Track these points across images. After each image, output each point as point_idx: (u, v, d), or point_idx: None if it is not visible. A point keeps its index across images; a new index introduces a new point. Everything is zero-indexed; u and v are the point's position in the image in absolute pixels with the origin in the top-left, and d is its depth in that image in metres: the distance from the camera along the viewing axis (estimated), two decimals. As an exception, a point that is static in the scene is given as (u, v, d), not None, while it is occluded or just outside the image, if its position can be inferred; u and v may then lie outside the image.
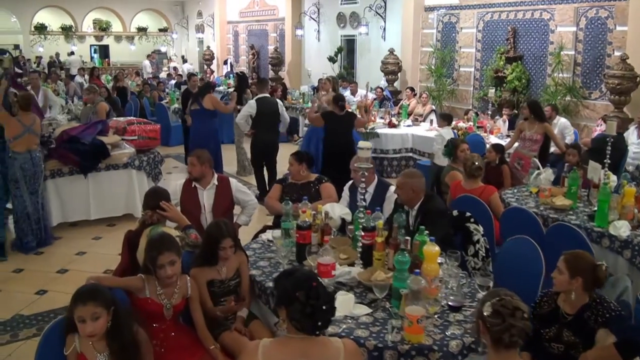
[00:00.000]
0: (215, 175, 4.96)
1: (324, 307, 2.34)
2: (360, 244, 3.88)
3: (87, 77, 16.82)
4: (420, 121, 10.99)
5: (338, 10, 16.61)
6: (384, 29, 15.02)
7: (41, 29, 24.57)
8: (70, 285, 5.51)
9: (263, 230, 5.10)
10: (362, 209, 3.91)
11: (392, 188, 4.94)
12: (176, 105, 13.14)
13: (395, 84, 14.06)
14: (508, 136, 9.48)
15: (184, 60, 23.20)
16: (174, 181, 8.94)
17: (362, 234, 3.84)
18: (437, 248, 3.47)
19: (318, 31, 17.65)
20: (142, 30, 26.82)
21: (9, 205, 6.72)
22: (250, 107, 8.30)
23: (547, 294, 3.29)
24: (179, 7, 26.60)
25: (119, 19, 26.32)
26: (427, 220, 4.26)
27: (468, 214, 4.70)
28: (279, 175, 7.99)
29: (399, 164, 9.95)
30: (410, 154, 9.97)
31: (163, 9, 26.87)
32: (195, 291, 3.40)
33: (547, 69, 11.17)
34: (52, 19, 24.95)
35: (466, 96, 13.01)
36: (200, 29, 24.35)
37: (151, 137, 7.70)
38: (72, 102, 12.68)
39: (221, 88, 16.28)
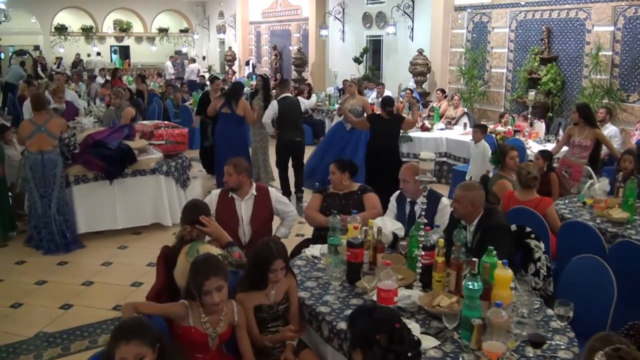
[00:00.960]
0: (254, 185, 4.62)
1: (409, 355, 1.98)
2: (419, 264, 3.51)
3: (108, 78, 16.56)
4: (453, 124, 10.58)
5: (364, 10, 16.24)
6: (412, 28, 14.63)
7: (61, 29, 24.45)
8: (97, 298, 5.25)
9: (305, 244, 4.76)
10: (421, 225, 3.54)
11: (445, 200, 4.57)
12: (200, 107, 12.87)
13: (424, 85, 13.65)
14: (548, 141, 9.08)
15: (192, 60, 22.91)
16: (199, 186, 8.90)
17: (422, 253, 3.48)
18: (510, 272, 3.10)
19: (343, 31, 17.30)
20: (163, 31, 26.62)
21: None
22: (272, 107, 8.21)
23: (636, 328, 2.89)
24: (200, 8, 26.36)
25: (140, 19, 26.16)
26: (488, 238, 3.89)
27: (528, 229, 4.32)
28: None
29: (432, 169, 9.51)
30: (445, 159, 9.57)
31: (184, 9, 26.65)
32: (242, 318, 3.06)
33: (583, 71, 10.72)
34: (72, 20, 24.83)
35: (498, 98, 12.57)
36: (221, 29, 24.08)
37: (179, 142, 7.39)
38: (94, 103, 12.47)
39: (245, 89, 15.95)
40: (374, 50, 16.26)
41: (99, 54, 24.02)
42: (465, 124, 10.44)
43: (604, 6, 10.19)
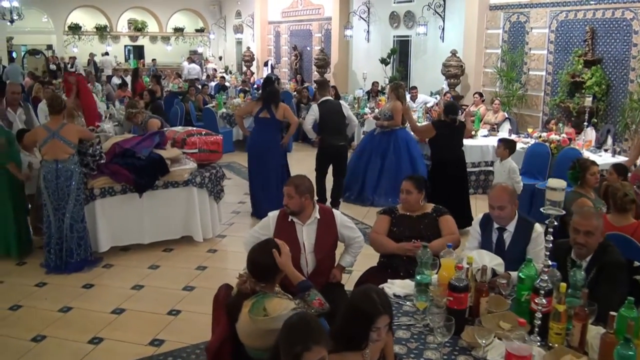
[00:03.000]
0: (317, 207, 3.98)
1: None
2: (539, 315, 2.87)
3: (130, 78, 15.98)
4: (497, 130, 9.92)
5: (391, 9, 15.60)
6: (443, 29, 13.98)
7: (75, 29, 23.96)
8: (130, 330, 4.62)
9: (371, 275, 4.13)
10: (544, 267, 2.87)
11: (539, 227, 3.92)
12: (224, 110, 12.27)
13: (457, 88, 12.99)
14: (605, 150, 8.42)
15: (190, 60, 22.31)
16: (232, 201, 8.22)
17: (544, 300, 2.83)
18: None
19: (367, 31, 16.68)
20: (178, 30, 26.08)
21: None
22: (313, 111, 7.70)
23: None
24: (217, 7, 25.80)
25: (155, 19, 25.64)
26: (606, 277, 3.28)
27: (637, 262, 3.68)
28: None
29: (477, 179, 8.91)
30: (490, 168, 8.89)
31: (200, 8, 26.11)
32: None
33: (630, 74, 10.05)
34: (86, 19, 24.37)
35: (536, 102, 11.91)
36: (238, 29, 23.50)
37: (212, 150, 6.76)
38: (114, 106, 11.90)
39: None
40: (400, 51, 15.62)
41: (106, 53, 23.47)
42: (509, 130, 9.79)
43: (653, 5, 9.56)
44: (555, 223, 2.76)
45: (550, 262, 2.85)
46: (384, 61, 15.37)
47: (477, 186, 8.91)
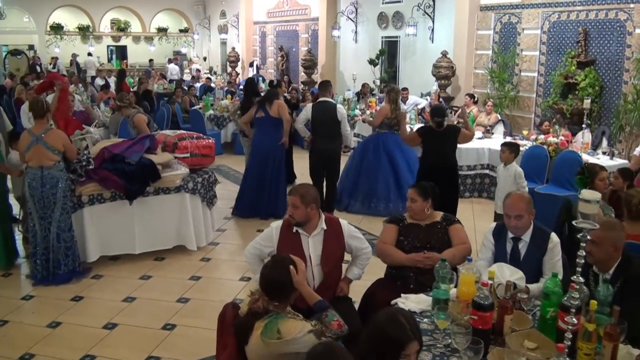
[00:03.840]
0: (323, 217, 3.76)
1: None
2: (569, 333, 2.69)
3: (112, 80, 15.65)
4: (491, 132, 9.76)
5: (379, 9, 15.43)
6: (432, 29, 13.84)
7: (57, 28, 23.50)
8: (123, 347, 4.38)
9: (379, 287, 3.95)
10: (577, 285, 2.66)
11: (555, 237, 3.74)
12: (211, 112, 12.02)
13: (448, 89, 12.85)
14: (604, 153, 8.29)
15: (169, 60, 22.02)
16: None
17: (574, 320, 2.65)
18: None
19: (355, 32, 16.50)
20: (162, 30, 25.70)
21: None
22: (306, 112, 7.55)
23: None
24: (201, 7, 25.45)
25: (138, 18, 25.24)
26: (632, 290, 3.11)
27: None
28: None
29: (473, 182, 8.76)
30: (487, 171, 8.77)
31: (184, 8, 25.76)
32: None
33: (624, 75, 9.97)
34: (68, 19, 23.91)
35: (529, 104, 11.80)
36: (223, 29, 23.22)
37: (205, 154, 6.52)
38: (99, 108, 11.60)
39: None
40: (389, 52, 15.46)
41: (89, 54, 23.06)
42: (504, 133, 9.65)
43: (647, 7, 9.48)
44: (584, 236, 2.57)
45: (581, 278, 2.66)
46: (372, 62, 15.20)
47: (473, 189, 8.77)
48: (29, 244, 5.56)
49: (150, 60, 21.91)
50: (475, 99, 11.32)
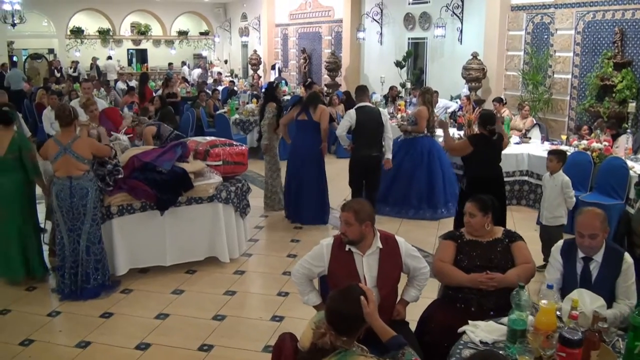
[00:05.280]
0: (378, 235, 3.45)
1: None
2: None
3: (134, 83, 15.46)
4: (528, 137, 9.39)
5: (405, 10, 15.13)
6: (461, 30, 13.49)
7: (77, 32, 23.43)
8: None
9: (435, 309, 3.63)
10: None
11: (629, 257, 3.41)
12: (237, 116, 11.77)
13: (478, 92, 12.49)
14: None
15: (183, 64, 21.84)
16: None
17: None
18: None
19: (381, 34, 16.20)
20: (182, 33, 25.56)
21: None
22: (349, 117, 7.10)
23: None
24: (222, 10, 25.30)
25: (159, 22, 25.13)
26: None
27: None
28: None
29: (512, 189, 8.39)
30: (526, 178, 8.41)
31: (204, 11, 25.62)
32: None
33: (661, 77, 9.61)
34: (88, 23, 23.85)
35: (562, 107, 11.42)
36: (244, 32, 23.02)
37: (237, 162, 6.24)
38: (122, 112, 11.37)
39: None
40: (415, 53, 15.15)
41: (110, 57, 22.98)
42: (542, 137, 9.28)
43: (686, 5, 9.10)
44: None
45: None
46: (399, 64, 14.88)
47: (512, 197, 8.40)
48: (56, 257, 5.30)
49: (170, 64, 21.77)
50: (504, 101, 10.94)
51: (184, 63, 22.46)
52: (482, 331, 2.98)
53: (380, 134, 7.07)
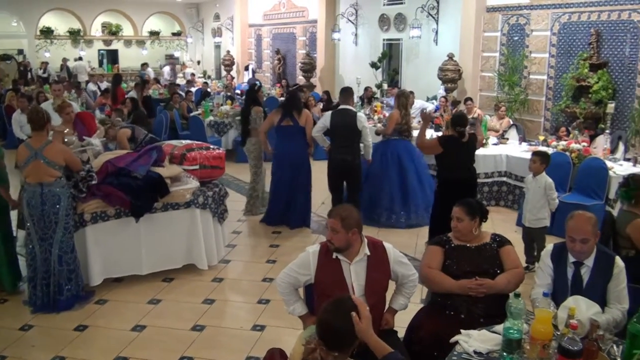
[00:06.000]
0: (365, 242, 3.34)
1: None
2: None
3: (105, 85, 15.15)
4: (505, 138, 9.39)
5: (380, 11, 15.07)
6: (437, 31, 13.48)
7: (47, 33, 22.94)
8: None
9: (427, 316, 3.53)
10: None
11: (620, 261, 3.35)
12: (211, 118, 11.57)
13: (454, 92, 12.48)
14: (627, 159, 7.95)
15: (147, 66, 21.59)
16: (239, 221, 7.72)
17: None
18: None
19: (356, 34, 16.12)
20: (154, 34, 25.19)
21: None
22: (324, 119, 7.10)
23: None
24: (194, 10, 25.01)
25: (130, 22, 24.71)
26: None
27: None
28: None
29: (490, 190, 8.37)
30: (505, 179, 8.39)
31: (177, 11, 25.29)
32: None
33: (638, 78, 9.66)
34: (58, 23, 23.36)
35: (538, 107, 11.46)
36: (217, 32, 22.78)
37: (215, 166, 6.08)
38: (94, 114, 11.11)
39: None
40: (390, 54, 15.11)
41: (80, 58, 22.54)
42: (520, 138, 9.29)
43: (663, 7, 9.17)
44: None
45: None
46: (374, 65, 14.81)
47: (490, 198, 8.38)
48: (28, 268, 5.08)
49: (145, 65, 21.43)
50: (472, 102, 10.80)
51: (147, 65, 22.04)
52: (475, 341, 2.88)
53: (353, 139, 6.98)
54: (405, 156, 7.66)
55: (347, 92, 7.26)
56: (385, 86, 14.15)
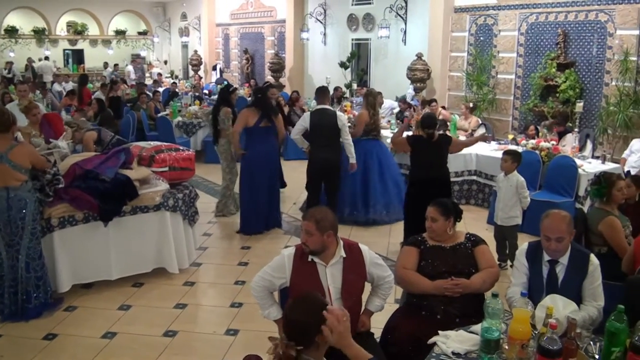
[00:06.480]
0: (341, 244, 3.31)
1: None
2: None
3: (71, 85, 14.85)
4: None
5: (349, 11, 15.11)
6: (405, 31, 13.54)
7: (12, 32, 22.42)
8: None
9: (403, 317, 3.51)
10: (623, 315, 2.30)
11: (595, 259, 3.38)
12: (180, 119, 11.42)
13: (423, 92, 12.54)
14: (596, 157, 8.07)
15: (107, 65, 21.32)
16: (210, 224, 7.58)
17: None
18: None
19: (324, 34, 16.12)
20: (120, 33, 24.81)
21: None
22: (303, 120, 7.04)
23: None
24: (160, 9, 24.72)
25: (96, 21, 24.30)
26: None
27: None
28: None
29: (460, 189, 8.42)
30: (474, 177, 8.44)
31: (143, 10, 24.97)
32: None
33: (605, 77, 9.83)
34: (23, 22, 22.84)
35: (506, 106, 11.60)
36: (184, 32, 22.56)
37: (184, 168, 5.98)
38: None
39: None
40: (359, 54, 15.14)
41: (47, 58, 22.09)
42: (489, 137, 9.34)
43: (629, 8, 9.37)
44: None
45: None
46: (343, 65, 14.82)
47: (461, 196, 8.42)
48: None
49: (116, 65, 21.09)
50: (435, 103, 10.86)
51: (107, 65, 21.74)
52: (453, 342, 2.87)
53: (335, 137, 6.93)
54: (370, 155, 7.64)
55: (323, 92, 7.22)
56: (354, 86, 14.16)
